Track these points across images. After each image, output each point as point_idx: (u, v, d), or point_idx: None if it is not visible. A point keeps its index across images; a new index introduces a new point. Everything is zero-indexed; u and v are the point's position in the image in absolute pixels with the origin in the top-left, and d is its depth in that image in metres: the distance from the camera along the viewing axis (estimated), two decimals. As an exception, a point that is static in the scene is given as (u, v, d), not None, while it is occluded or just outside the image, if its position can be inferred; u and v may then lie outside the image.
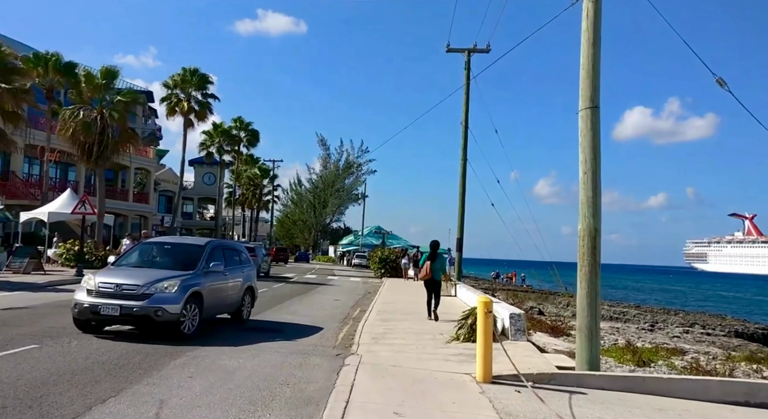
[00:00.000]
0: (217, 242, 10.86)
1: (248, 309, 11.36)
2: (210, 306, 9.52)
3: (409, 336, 10.07)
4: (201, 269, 9.40)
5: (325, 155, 70.28)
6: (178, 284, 8.68)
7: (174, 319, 8.50)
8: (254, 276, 11.84)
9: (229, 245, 12.14)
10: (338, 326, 11.57)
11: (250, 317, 11.39)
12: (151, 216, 47.13)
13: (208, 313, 9.58)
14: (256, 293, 11.90)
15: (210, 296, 9.44)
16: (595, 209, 8.10)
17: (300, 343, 9.21)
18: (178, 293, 8.60)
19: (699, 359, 12.38)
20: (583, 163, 8.20)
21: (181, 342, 8.54)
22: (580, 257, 8.13)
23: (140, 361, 7.07)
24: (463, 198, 26.14)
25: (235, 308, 10.84)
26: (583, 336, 7.95)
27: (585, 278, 8.04)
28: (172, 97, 37.04)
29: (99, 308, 8.38)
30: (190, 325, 8.87)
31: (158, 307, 8.37)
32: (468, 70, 26.79)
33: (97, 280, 8.68)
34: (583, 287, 8.04)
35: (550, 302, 36.69)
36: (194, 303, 8.95)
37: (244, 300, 11.06)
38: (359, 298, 18.55)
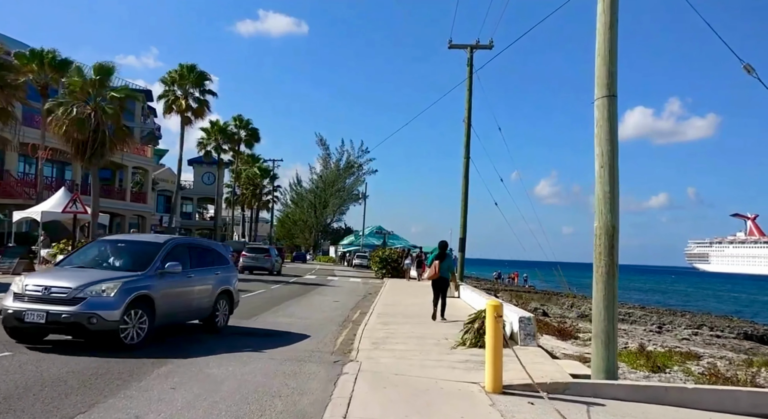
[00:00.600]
0: (180, 241, 9.79)
1: (224, 316, 10.12)
2: (166, 313, 8.42)
3: (412, 340, 9.50)
4: (153, 270, 8.27)
5: (325, 155, 69.85)
6: (118, 286, 7.59)
7: (111, 327, 7.38)
8: (233, 279, 10.57)
9: (199, 244, 10.82)
10: (337, 329, 11.01)
11: (227, 324, 10.18)
12: (149, 216, 46.60)
13: (163, 320, 8.48)
14: (236, 297, 10.63)
15: (165, 300, 8.33)
16: (613, 205, 7.53)
17: (295, 349, 8.64)
18: (118, 297, 7.49)
19: (716, 364, 11.81)
20: (600, 156, 7.63)
21: (170, 349, 7.99)
22: (596, 257, 7.56)
23: (120, 370, 6.50)
24: (465, 197, 25.61)
25: (205, 315, 9.67)
26: (600, 342, 7.38)
27: (602, 279, 7.47)
28: (169, 94, 36.46)
29: (24, 315, 7.26)
30: (134, 334, 7.72)
31: (92, 313, 7.25)
32: (471, 67, 26.28)
33: (26, 282, 7.64)
34: (599, 290, 7.47)
35: (554, 303, 36.15)
36: (141, 309, 7.82)
37: (218, 306, 9.84)
38: (359, 300, 17.99)
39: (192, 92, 36.69)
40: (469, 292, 16.91)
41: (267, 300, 15.73)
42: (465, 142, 25.71)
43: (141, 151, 44.06)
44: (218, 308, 9.88)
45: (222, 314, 10.03)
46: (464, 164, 25.72)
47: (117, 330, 7.46)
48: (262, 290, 19.37)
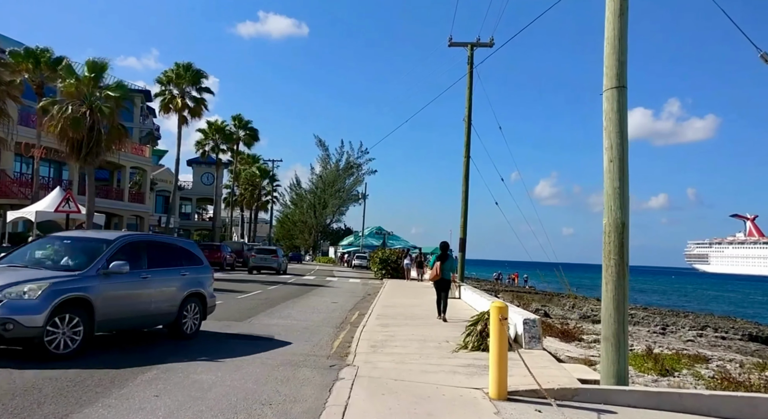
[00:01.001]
0: (136, 238, 8.82)
1: (194, 322, 9.18)
2: (111, 318, 7.55)
3: (412, 343, 9.12)
4: (95, 269, 7.40)
5: (324, 156, 69.60)
6: (44, 287, 6.73)
7: (32, 334, 6.56)
8: (206, 281, 9.62)
9: (161, 241, 9.68)
10: (334, 332, 10.63)
11: (198, 330, 9.25)
12: (148, 216, 46.19)
13: (108, 327, 7.71)
14: (211, 301, 9.71)
15: (110, 304, 7.46)
16: (623, 201, 7.16)
17: (290, 352, 8.26)
18: (41, 300, 6.64)
19: (726, 367, 11.43)
20: (609, 149, 7.26)
21: (158, 353, 7.62)
22: (605, 255, 7.19)
23: (102, 376, 6.13)
24: (466, 197, 25.28)
25: (169, 320, 8.74)
26: (610, 345, 7.00)
27: (611, 279, 7.09)
28: (165, 93, 36.08)
29: None
30: (64, 341, 6.84)
31: (7, 318, 6.41)
32: (471, 65, 25.97)
33: None
34: (609, 290, 7.10)
35: (555, 304, 35.77)
36: (74, 314, 6.95)
37: (186, 310, 8.94)
38: (358, 301, 17.61)
39: (188, 91, 36.31)
40: (470, 293, 16.54)
41: (263, 302, 15.35)
42: (465, 141, 25.40)
43: (139, 151, 43.70)
44: (186, 312, 8.97)
45: (191, 319, 9.12)
46: (464, 164, 25.40)
47: (40, 337, 6.62)
48: (259, 291, 19.00)
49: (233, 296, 16.56)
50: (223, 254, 32.89)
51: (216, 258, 32.59)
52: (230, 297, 16.08)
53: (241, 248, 39.42)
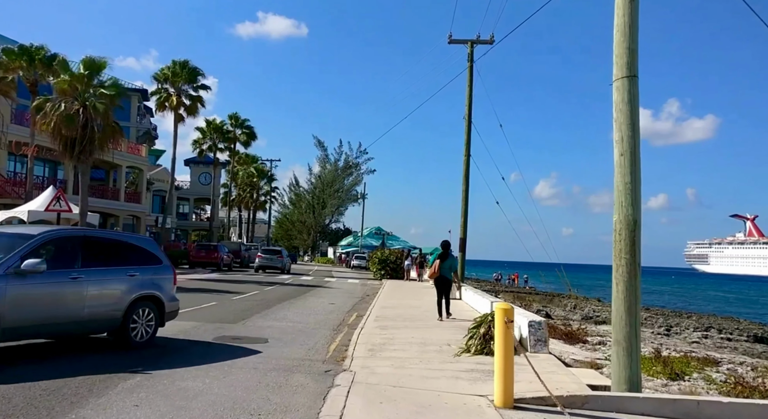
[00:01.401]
0: (65, 232, 7.99)
1: (146, 329, 8.07)
2: (26, 324, 6.58)
3: (412, 347, 8.72)
4: (3, 268, 6.42)
5: (323, 156, 69.23)
6: None
7: None
8: (165, 283, 8.54)
9: (104, 237, 8.60)
10: (330, 335, 10.23)
11: (152, 337, 8.15)
12: (144, 216, 45.76)
13: (20, 334, 6.75)
14: (169, 305, 8.49)
15: (23, 307, 6.52)
16: (635, 196, 6.76)
17: (283, 357, 7.86)
18: None
19: (737, 371, 11.05)
20: (619, 142, 6.87)
21: (144, 358, 7.22)
22: (615, 254, 6.80)
23: (80, 384, 5.72)
24: (466, 196, 24.92)
25: (113, 326, 7.70)
26: (621, 349, 6.61)
27: (622, 279, 6.70)
28: (161, 91, 35.68)
29: None
30: None
31: None
32: (471, 62, 25.63)
33: None
34: (620, 291, 6.71)
35: (556, 305, 35.44)
36: None
37: (136, 315, 7.91)
38: (356, 302, 17.22)
39: (185, 89, 35.92)
40: (471, 294, 16.14)
41: (258, 303, 14.95)
42: (465, 140, 25.06)
43: (135, 150, 43.31)
44: (137, 317, 7.93)
45: (143, 326, 8.03)
46: (465, 162, 25.05)
47: None
48: (255, 291, 18.60)
49: (228, 297, 16.16)
50: (219, 255, 32.50)
51: (212, 259, 32.26)
52: (225, 298, 15.69)
53: (239, 249, 39.02)
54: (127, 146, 41.41)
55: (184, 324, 10.25)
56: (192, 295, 16.22)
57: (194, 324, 10.42)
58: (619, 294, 6.71)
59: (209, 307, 13.34)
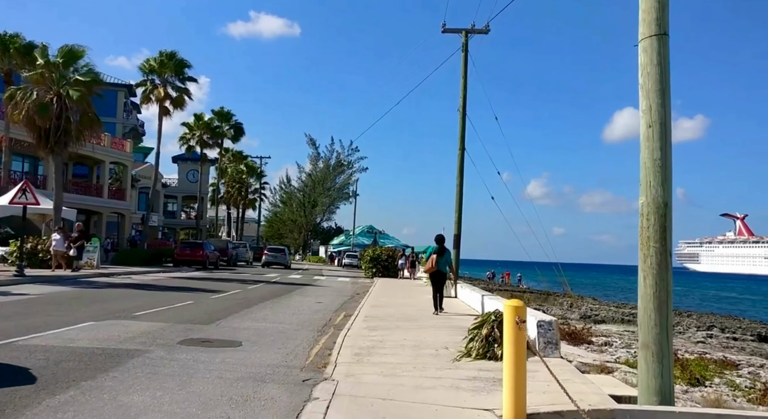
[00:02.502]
0: None
1: None
2: None
3: (404, 350, 7.69)
4: None
5: (314, 154, 68.04)
6: None
7: None
8: None
9: None
10: (314, 336, 9.18)
11: None
12: (129, 214, 44.45)
13: None
14: None
15: None
16: (665, 175, 5.76)
17: (256, 363, 6.81)
18: None
19: (760, 375, 10.13)
20: (647, 112, 5.87)
21: (87, 364, 6.15)
22: (642, 243, 5.79)
23: (-4, 400, 4.65)
24: (460, 190, 23.97)
25: None
26: (650, 354, 5.61)
27: (651, 272, 5.70)
28: (147, 83, 34.45)
29: None
30: None
31: None
32: (465, 52, 24.66)
33: None
34: (648, 286, 5.71)
35: (551, 303, 34.52)
36: None
37: None
38: (345, 300, 16.17)
39: (171, 81, 34.71)
40: (468, 291, 15.15)
41: (239, 302, 13.87)
42: (460, 133, 24.14)
43: (119, 145, 41.94)
44: None
45: None
46: (459, 156, 24.10)
47: None
48: (237, 290, 17.52)
49: (207, 296, 15.08)
50: (205, 253, 31.33)
51: (198, 257, 31.10)
52: (203, 297, 14.61)
53: (226, 247, 37.80)
54: (110, 141, 40.11)
55: (149, 326, 9.19)
56: (168, 294, 15.15)
57: (161, 325, 9.35)
58: (647, 289, 5.72)
59: (183, 307, 12.26)
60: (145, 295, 14.56)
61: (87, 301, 12.58)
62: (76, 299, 12.78)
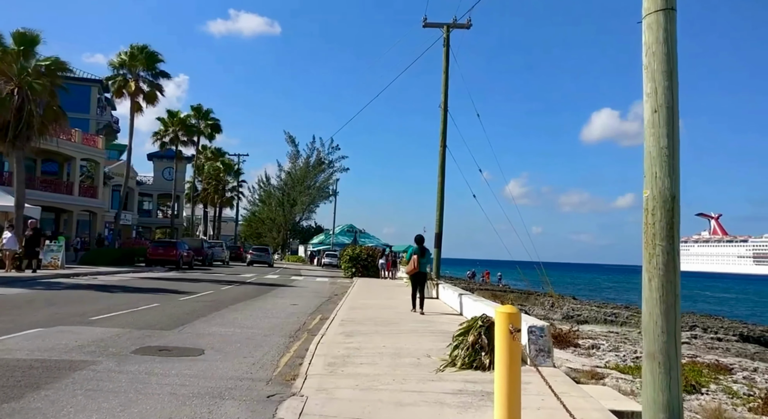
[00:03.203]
0: None
1: None
2: None
3: (383, 359, 7.01)
4: None
5: (294, 152, 67.03)
6: None
7: None
8: None
9: None
10: (285, 343, 8.46)
11: None
12: (102, 212, 43.09)
13: None
14: None
15: None
16: (672, 164, 5.16)
17: (216, 375, 6.09)
18: None
19: (755, 380, 9.67)
20: (652, 95, 5.27)
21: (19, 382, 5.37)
22: (647, 241, 5.20)
23: None
24: (442, 188, 23.43)
25: None
26: (657, 365, 5.01)
27: (657, 274, 5.10)
28: (118, 77, 33.26)
29: None
30: None
31: None
32: (447, 47, 24.08)
33: None
34: (653, 289, 5.11)
35: (532, 303, 34.22)
36: None
37: None
38: (322, 302, 15.45)
39: (143, 75, 33.57)
40: (450, 292, 14.53)
41: (208, 304, 13.07)
42: (441, 129, 23.58)
43: (91, 141, 40.55)
44: None
45: None
46: (441, 154, 23.54)
47: None
48: (210, 291, 16.68)
49: (175, 298, 14.24)
50: (179, 252, 30.29)
51: (171, 256, 30.08)
52: (170, 299, 13.77)
53: (201, 246, 36.72)
54: (81, 137, 38.76)
55: (104, 332, 8.39)
56: (133, 296, 14.28)
57: (117, 331, 8.55)
58: (653, 293, 5.11)
59: (147, 310, 11.44)
60: (107, 297, 13.68)
61: (41, 304, 11.68)
62: (28, 303, 11.86)
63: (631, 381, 9.01)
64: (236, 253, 50.67)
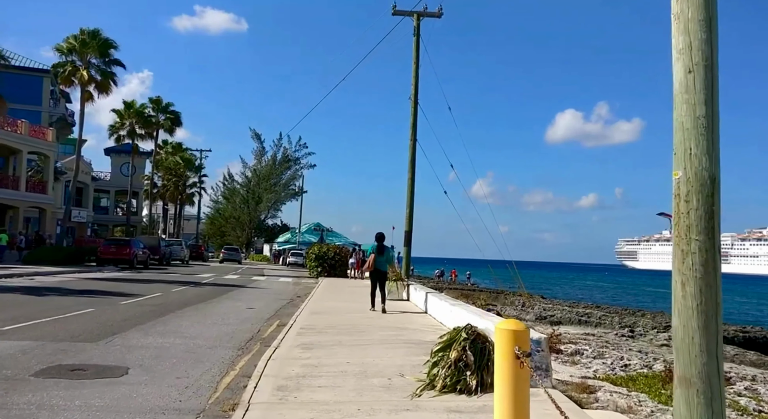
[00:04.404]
0: None
1: None
2: None
3: (347, 380, 5.78)
4: None
5: (259, 149, 65.18)
6: None
7: None
8: None
9: None
10: (232, 357, 7.16)
11: None
12: (52, 209, 40.62)
13: None
14: None
15: None
16: (712, 139, 4.03)
17: (137, 405, 4.78)
18: None
19: (758, 390, 8.82)
20: (686, 52, 4.14)
21: None
22: (679, 235, 4.07)
23: None
24: (412, 184, 22.37)
25: None
26: (694, 394, 3.89)
27: (693, 276, 3.98)
28: (67, 64, 31.09)
29: None
30: None
31: None
32: (417, 37, 23.05)
33: None
34: (690, 296, 3.99)
35: (502, 302, 33.47)
36: None
37: None
38: (283, 305, 14.14)
39: (95, 63, 31.49)
40: (422, 293, 13.37)
41: (152, 309, 11.63)
42: (412, 122, 22.52)
43: (40, 133, 38.13)
44: None
45: None
46: (411, 147, 22.49)
47: None
48: (158, 293, 15.17)
49: (116, 301, 12.72)
50: (133, 251, 28.46)
51: (124, 255, 28.23)
52: (110, 303, 12.26)
53: (157, 244, 34.77)
54: (28, 128, 36.38)
55: (11, 346, 6.96)
56: (67, 299, 12.72)
57: (28, 344, 7.13)
58: (688, 301, 3.99)
59: (76, 316, 9.95)
60: (36, 302, 12.10)
61: (-49, 311, 10.08)
62: (-64, 309, 10.25)
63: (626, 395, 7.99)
64: (197, 252, 48.69)
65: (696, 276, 4.01)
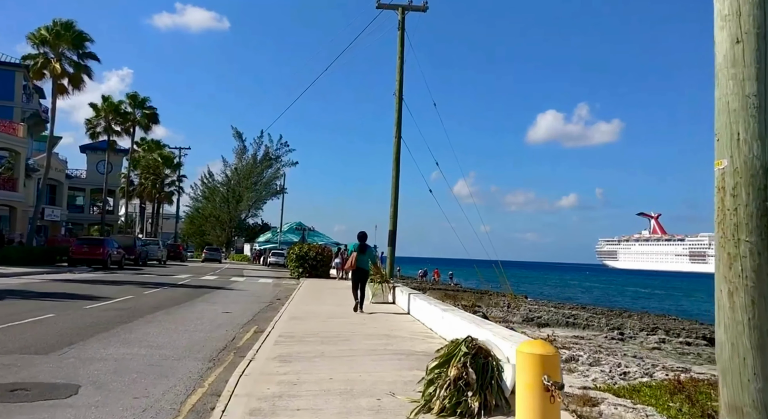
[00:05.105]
0: None
1: None
2: None
3: (330, 400, 5.05)
4: None
5: (240, 147, 64.01)
6: None
7: None
8: None
9: None
10: (201, 371, 6.40)
11: None
12: (23, 207, 39.16)
13: None
14: None
15: None
16: (765, 122, 3.45)
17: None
18: None
19: None
20: (732, 19, 3.53)
21: None
22: (724, 235, 3.45)
23: None
24: (396, 182, 21.87)
25: None
26: (749, 424, 3.31)
27: (743, 284, 3.36)
28: (39, 56, 29.85)
29: None
30: None
31: None
32: (402, 31, 22.59)
33: None
34: (739, 308, 3.37)
35: (487, 303, 32.84)
36: None
37: None
38: (261, 308, 13.35)
39: (69, 56, 30.29)
40: (411, 297, 12.67)
41: (118, 314, 10.77)
42: (396, 119, 22.01)
43: (10, 129, 36.72)
44: None
45: None
46: (395, 144, 21.98)
47: None
48: (129, 296, 14.29)
49: (80, 305, 11.82)
50: (106, 251, 27.37)
51: (97, 255, 27.15)
52: (73, 308, 11.36)
53: (133, 244, 33.64)
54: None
55: (-55, 361, 6.10)
56: (27, 303, 11.80)
57: (-33, 358, 6.28)
58: (737, 314, 3.36)
59: (32, 323, 9.09)
60: (-9, 306, 11.17)
61: None
62: None
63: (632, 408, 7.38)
64: (175, 252, 47.48)
65: (747, 285, 3.39)
